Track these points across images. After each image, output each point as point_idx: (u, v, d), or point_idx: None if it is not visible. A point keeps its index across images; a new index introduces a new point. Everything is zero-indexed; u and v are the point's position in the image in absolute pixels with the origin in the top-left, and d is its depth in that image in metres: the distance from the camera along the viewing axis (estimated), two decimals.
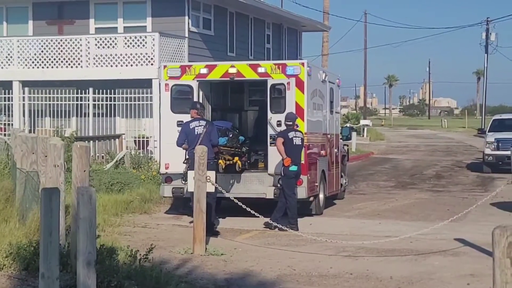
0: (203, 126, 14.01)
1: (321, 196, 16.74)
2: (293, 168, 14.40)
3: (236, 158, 15.84)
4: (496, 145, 27.77)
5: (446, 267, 11.06)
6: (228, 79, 15.94)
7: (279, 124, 15.21)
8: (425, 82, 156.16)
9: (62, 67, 24.69)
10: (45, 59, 24.87)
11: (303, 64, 15.77)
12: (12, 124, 24.19)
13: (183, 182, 14.54)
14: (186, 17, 25.52)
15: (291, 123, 14.60)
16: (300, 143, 14.59)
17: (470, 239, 13.21)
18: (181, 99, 15.97)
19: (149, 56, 23.83)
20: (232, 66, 15.96)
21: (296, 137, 14.50)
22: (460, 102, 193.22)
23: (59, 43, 24.77)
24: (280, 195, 14.69)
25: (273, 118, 15.39)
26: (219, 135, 14.59)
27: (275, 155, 14.93)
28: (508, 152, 12.08)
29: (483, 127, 35.13)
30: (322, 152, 16.94)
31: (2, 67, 25.20)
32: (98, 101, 23.83)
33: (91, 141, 21.97)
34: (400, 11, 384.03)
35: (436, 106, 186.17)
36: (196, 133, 13.93)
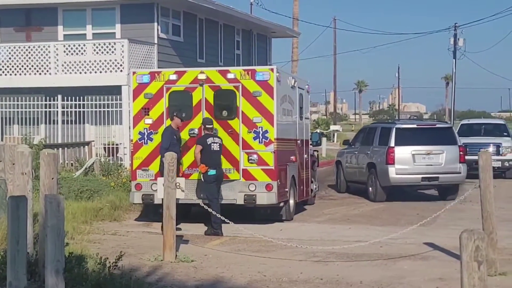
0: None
1: (291, 201, 16.77)
2: (212, 172, 14.73)
3: None
4: None
5: (416, 271, 11.13)
6: (198, 85, 15.94)
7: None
8: (394, 88, 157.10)
9: (30, 74, 24.53)
10: (12, 66, 24.69)
11: (272, 70, 15.82)
12: None
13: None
14: (155, 24, 25.49)
15: (210, 127, 15.05)
16: (218, 149, 14.92)
17: (439, 243, 13.31)
18: None
19: (118, 63, 23.76)
20: (202, 72, 15.97)
21: (214, 143, 14.87)
22: (429, 107, 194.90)
23: (27, 50, 24.61)
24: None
25: None
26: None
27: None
28: (476, 157, 12.19)
29: None
30: (292, 157, 16.98)
31: None
32: (67, 108, 23.70)
33: (60, 149, 21.82)
34: (369, 17, 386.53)
35: (406, 111, 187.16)
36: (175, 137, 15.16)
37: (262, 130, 15.47)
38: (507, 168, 27.80)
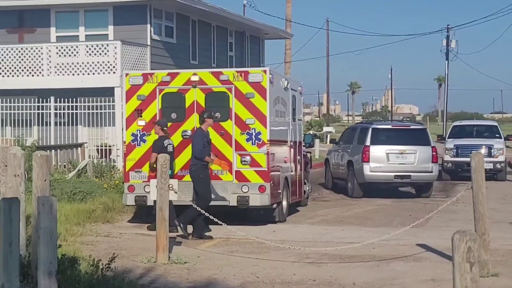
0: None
1: (284, 203, 16.78)
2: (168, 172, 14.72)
3: None
4: (455, 152, 28.00)
5: (408, 272, 11.15)
6: (190, 86, 15.94)
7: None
8: (387, 89, 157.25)
9: (23, 75, 24.48)
10: (5, 68, 24.64)
11: (265, 71, 15.84)
12: None
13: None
14: (148, 25, 25.47)
15: (166, 129, 15.14)
16: (172, 150, 15.01)
17: (432, 244, 13.34)
18: None
19: (111, 65, 23.73)
20: (195, 74, 15.98)
21: (169, 144, 14.99)
22: (422, 109, 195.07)
23: (19, 51, 24.56)
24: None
25: None
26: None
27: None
28: (468, 159, 12.25)
29: (443, 134, 35.55)
30: (285, 159, 17.00)
31: None
32: (60, 109, 23.65)
33: (53, 150, 21.77)
34: (362, 19, 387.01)
35: (399, 112, 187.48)
36: None
37: (255, 131, 15.48)
38: (499, 170, 27.87)
